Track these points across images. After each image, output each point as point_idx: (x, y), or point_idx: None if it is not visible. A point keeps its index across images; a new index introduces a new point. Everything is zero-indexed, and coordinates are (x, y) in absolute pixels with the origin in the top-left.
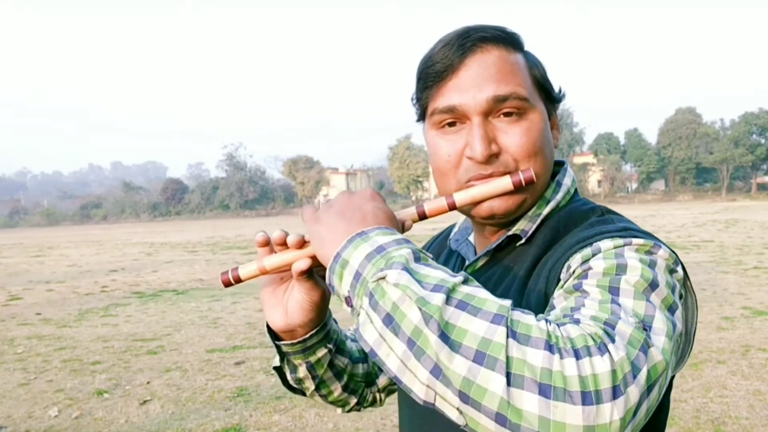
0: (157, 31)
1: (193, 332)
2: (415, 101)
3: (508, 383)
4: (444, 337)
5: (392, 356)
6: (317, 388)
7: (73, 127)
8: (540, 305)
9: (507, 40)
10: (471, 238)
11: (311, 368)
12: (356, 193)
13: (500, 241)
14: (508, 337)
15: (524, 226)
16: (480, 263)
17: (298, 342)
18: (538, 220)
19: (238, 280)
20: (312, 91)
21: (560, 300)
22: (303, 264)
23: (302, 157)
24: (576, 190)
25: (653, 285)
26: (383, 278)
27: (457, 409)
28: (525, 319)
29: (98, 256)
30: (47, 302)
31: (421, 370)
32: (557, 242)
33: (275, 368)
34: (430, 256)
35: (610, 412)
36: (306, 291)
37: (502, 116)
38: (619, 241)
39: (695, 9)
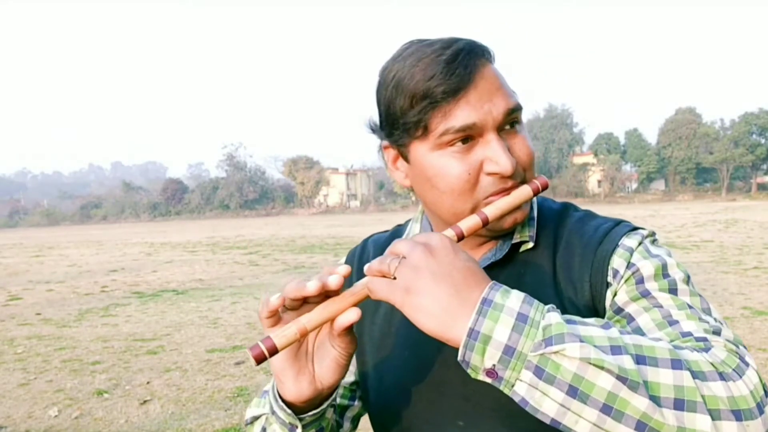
0: (157, 30)
1: (193, 332)
2: (404, 122)
3: (713, 419)
4: (651, 398)
5: (582, 422)
6: None
7: (73, 127)
8: (575, 310)
9: (491, 53)
10: None
11: None
12: (433, 246)
13: (506, 249)
14: (693, 378)
15: (528, 232)
16: None
17: (326, 406)
18: (535, 224)
19: (274, 352)
20: (312, 91)
21: (636, 309)
22: (354, 316)
23: (302, 157)
24: None
25: (688, 277)
26: (557, 352)
27: None
28: (690, 356)
29: (98, 256)
30: (47, 302)
31: (622, 429)
32: (560, 241)
33: None
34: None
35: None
36: (345, 345)
37: (507, 128)
38: (638, 237)
39: (695, 9)
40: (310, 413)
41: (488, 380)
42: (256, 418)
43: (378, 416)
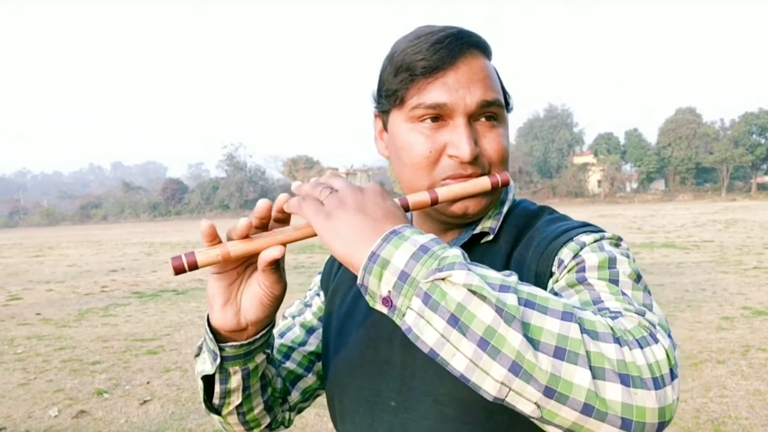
0: (157, 30)
1: (193, 332)
2: (387, 90)
3: (593, 376)
4: (527, 336)
5: (459, 356)
6: (240, 404)
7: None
8: None
9: (488, 49)
10: None
11: (246, 377)
12: (367, 190)
13: (466, 238)
14: (582, 332)
15: (490, 224)
16: None
17: (246, 343)
18: (500, 218)
19: (194, 267)
20: (312, 91)
21: (569, 293)
22: (276, 252)
23: (302, 157)
24: None
25: (638, 276)
26: (444, 279)
27: (536, 403)
28: (587, 315)
29: (98, 256)
30: (47, 302)
31: (496, 368)
32: (522, 238)
33: (203, 378)
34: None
35: (671, 392)
36: (269, 284)
37: (483, 120)
38: (596, 235)
39: (695, 9)
40: (230, 344)
41: (384, 310)
42: (201, 348)
43: (329, 391)
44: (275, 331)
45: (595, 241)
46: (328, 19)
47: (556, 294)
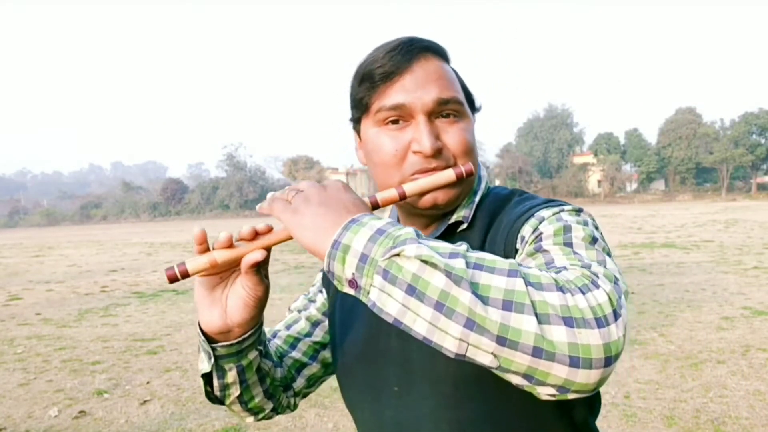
0: (157, 30)
1: (193, 332)
2: (354, 99)
3: (539, 322)
4: (475, 293)
5: (419, 321)
6: (240, 395)
7: (73, 127)
8: None
9: (443, 52)
10: None
11: (241, 372)
12: (327, 184)
13: (443, 228)
14: (526, 285)
15: (463, 213)
16: None
17: (235, 343)
18: (473, 206)
19: (186, 275)
20: (312, 91)
21: (528, 262)
22: (258, 255)
23: (302, 157)
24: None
25: (594, 238)
26: (398, 254)
27: (492, 353)
28: (532, 271)
29: (98, 256)
30: (47, 302)
31: (453, 327)
32: (494, 222)
33: (203, 375)
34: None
35: (616, 330)
36: (251, 286)
37: (442, 117)
38: (555, 209)
39: (696, 8)
40: (221, 344)
41: (351, 291)
42: (199, 352)
43: (340, 384)
44: (282, 324)
45: (554, 214)
46: (328, 19)
47: None
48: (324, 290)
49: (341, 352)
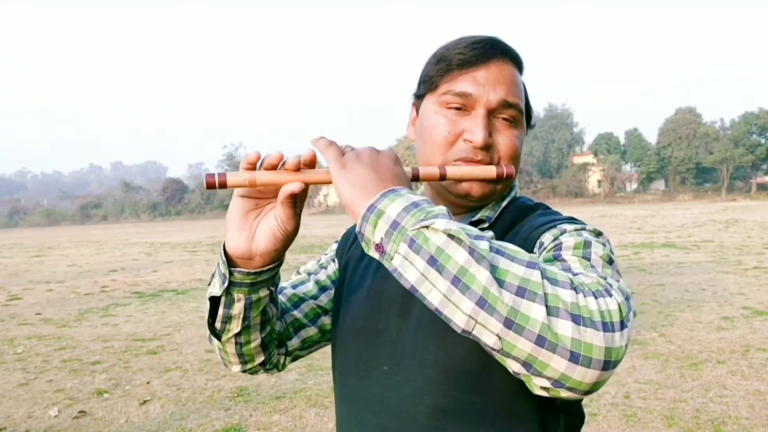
0: (157, 30)
1: (193, 332)
2: (425, 76)
3: (548, 313)
4: (494, 275)
5: (434, 292)
6: (239, 333)
7: (73, 127)
8: None
9: (520, 62)
10: None
11: (248, 307)
12: (383, 153)
13: (466, 223)
14: (542, 278)
15: (488, 213)
16: None
17: (253, 272)
18: (499, 210)
19: (223, 186)
20: (312, 91)
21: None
22: (296, 186)
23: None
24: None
25: (611, 260)
26: (427, 227)
27: (497, 335)
28: (551, 267)
29: (98, 256)
30: (47, 302)
31: (466, 302)
32: (515, 228)
33: (211, 298)
34: None
35: (620, 338)
36: (284, 219)
37: (501, 119)
38: (578, 225)
39: (696, 8)
40: (239, 269)
41: (376, 255)
42: (213, 276)
43: (332, 350)
44: (288, 283)
45: (576, 230)
46: (328, 18)
47: None
48: (336, 260)
49: (341, 323)
